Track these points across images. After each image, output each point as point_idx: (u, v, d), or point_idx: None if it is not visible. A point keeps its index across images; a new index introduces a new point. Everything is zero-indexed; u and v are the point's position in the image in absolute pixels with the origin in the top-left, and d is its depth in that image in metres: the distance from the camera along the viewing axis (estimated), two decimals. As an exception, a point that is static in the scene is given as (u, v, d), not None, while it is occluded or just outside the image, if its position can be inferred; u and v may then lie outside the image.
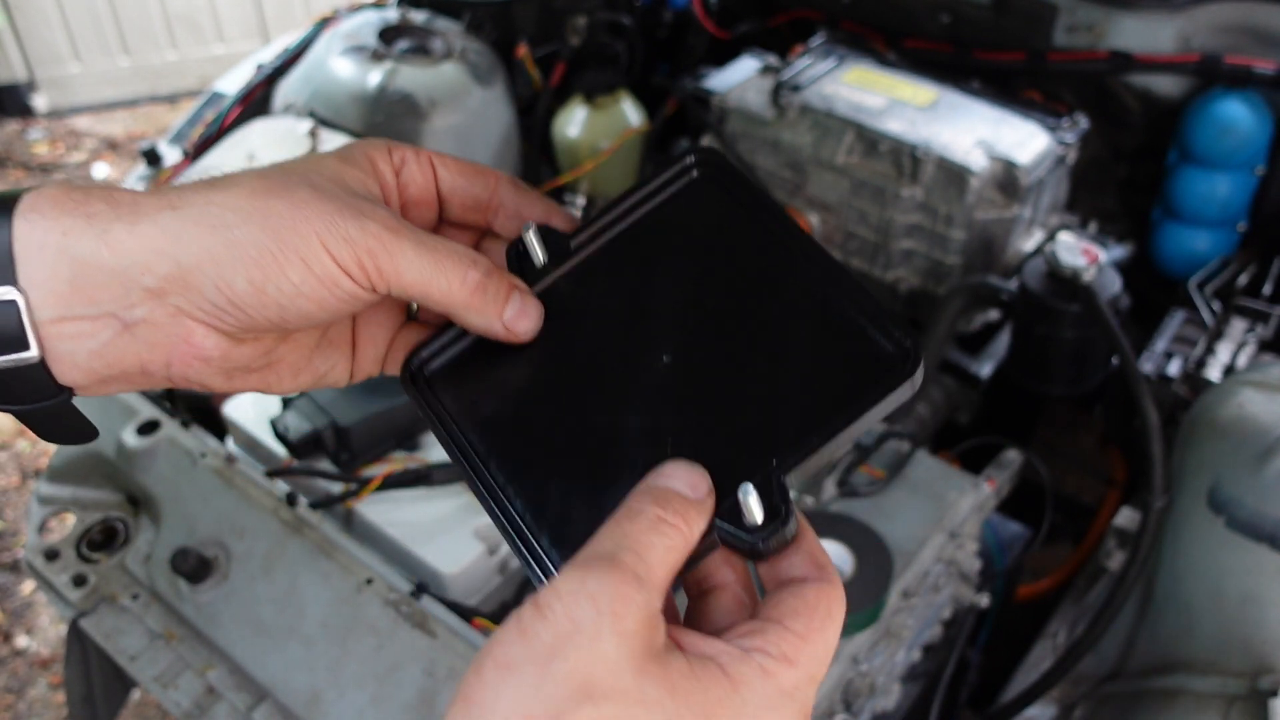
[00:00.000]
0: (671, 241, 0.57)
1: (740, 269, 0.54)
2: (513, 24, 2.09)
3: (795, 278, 0.53)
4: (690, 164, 0.58)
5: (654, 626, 0.41)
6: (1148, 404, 1.23)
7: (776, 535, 0.46)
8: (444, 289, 0.52)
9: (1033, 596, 1.58)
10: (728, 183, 0.57)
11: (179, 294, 0.49)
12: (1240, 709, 1.09)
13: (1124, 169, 1.93)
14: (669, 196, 0.58)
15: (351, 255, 0.49)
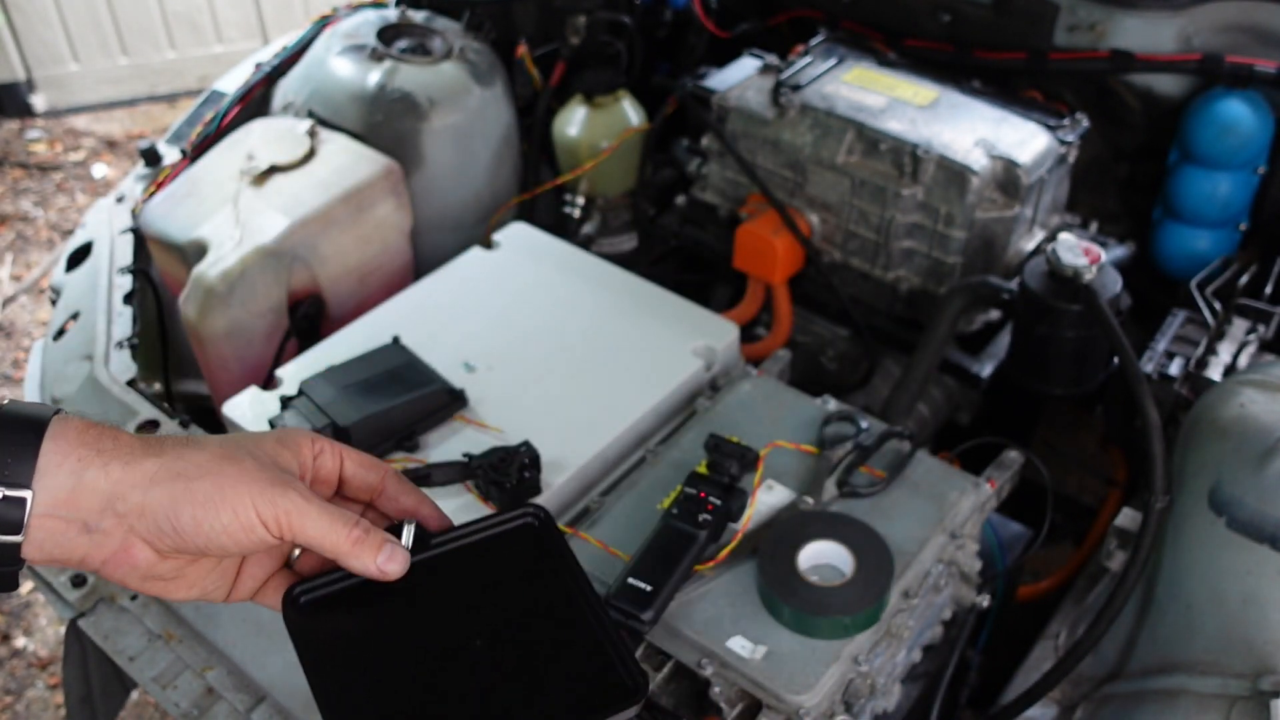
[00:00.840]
0: (502, 561, 0.78)
1: (541, 595, 0.76)
2: (513, 23, 2.09)
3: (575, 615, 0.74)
4: (529, 513, 0.81)
5: None
6: (1149, 404, 1.23)
7: None
8: (334, 540, 0.71)
9: (1033, 597, 1.58)
10: (549, 534, 0.79)
11: (136, 519, 0.68)
12: (1241, 710, 1.09)
13: (1125, 169, 1.93)
14: (506, 530, 0.80)
15: (271, 513, 0.69)
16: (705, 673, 1.03)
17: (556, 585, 0.77)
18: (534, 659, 0.73)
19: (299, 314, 1.64)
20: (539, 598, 0.76)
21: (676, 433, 1.31)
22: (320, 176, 1.68)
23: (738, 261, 1.71)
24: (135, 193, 1.89)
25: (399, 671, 0.72)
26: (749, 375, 1.38)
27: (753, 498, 1.17)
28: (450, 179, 1.86)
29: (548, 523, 0.80)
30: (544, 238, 1.67)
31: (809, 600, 1.03)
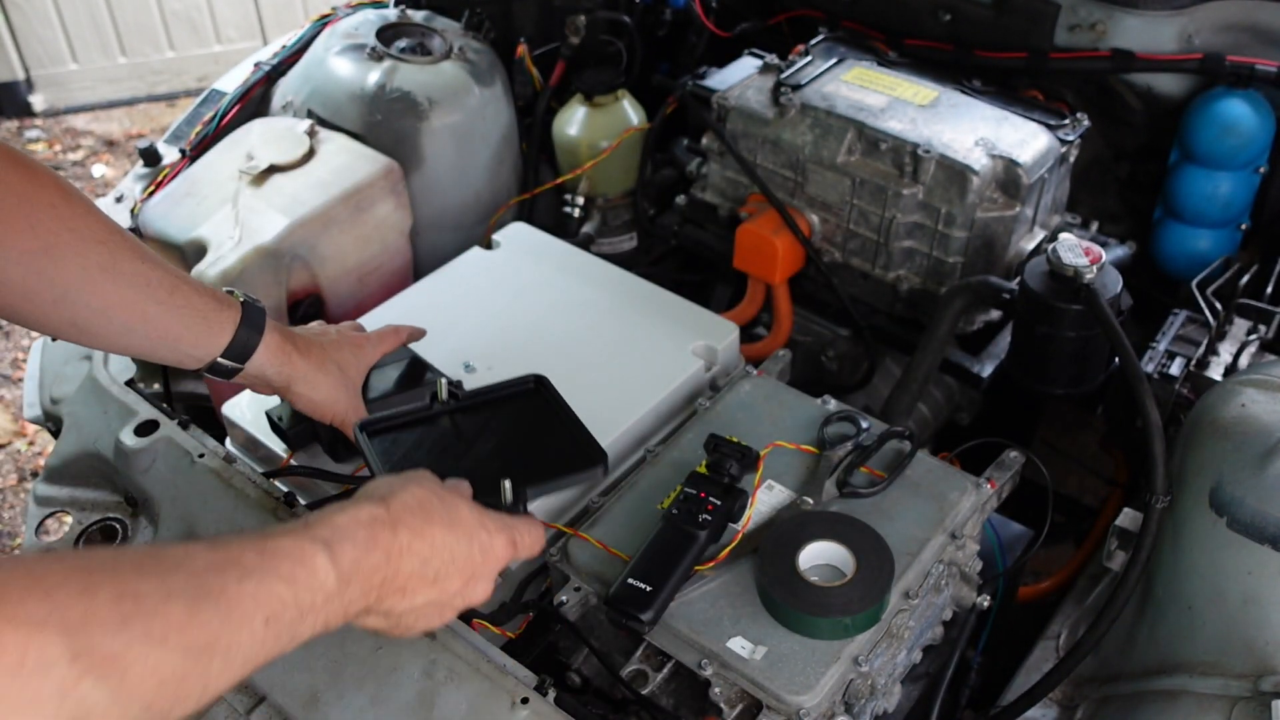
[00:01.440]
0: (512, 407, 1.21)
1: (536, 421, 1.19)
2: (512, 23, 2.09)
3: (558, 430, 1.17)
4: (530, 380, 1.22)
5: None
6: (1149, 404, 1.23)
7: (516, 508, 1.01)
8: None
9: (1034, 597, 1.58)
10: (545, 390, 1.21)
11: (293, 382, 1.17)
12: (1242, 710, 1.08)
13: (1126, 168, 1.93)
14: (514, 392, 1.22)
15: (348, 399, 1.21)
16: (705, 673, 1.03)
17: (548, 416, 1.18)
18: (530, 450, 1.16)
19: (298, 314, 1.64)
20: (536, 423, 1.18)
21: (676, 433, 1.31)
22: (319, 176, 1.68)
23: (738, 261, 1.71)
24: (134, 192, 1.89)
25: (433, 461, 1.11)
26: (749, 375, 1.37)
27: (753, 498, 1.17)
28: (450, 179, 1.86)
29: (543, 382, 1.21)
30: (544, 238, 1.67)
31: (809, 600, 1.03)
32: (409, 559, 0.82)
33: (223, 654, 0.65)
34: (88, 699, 0.55)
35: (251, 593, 0.68)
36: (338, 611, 0.77)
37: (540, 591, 1.21)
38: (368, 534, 0.79)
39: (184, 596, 0.63)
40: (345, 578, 0.76)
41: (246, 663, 0.68)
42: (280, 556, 0.72)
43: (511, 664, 1.07)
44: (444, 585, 0.86)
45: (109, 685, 0.56)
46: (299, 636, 0.73)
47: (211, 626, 0.64)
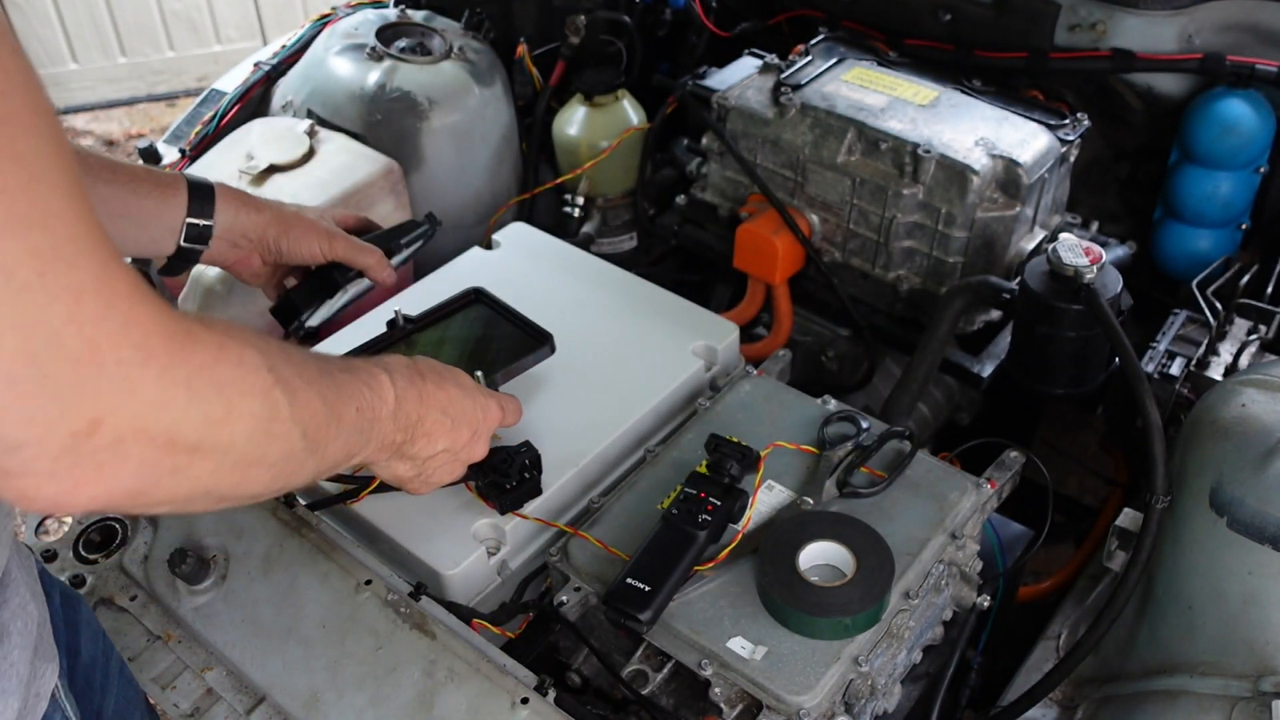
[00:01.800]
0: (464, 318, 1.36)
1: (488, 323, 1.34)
2: (512, 23, 2.09)
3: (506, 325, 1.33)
4: (471, 292, 1.37)
5: None
6: (1150, 404, 1.23)
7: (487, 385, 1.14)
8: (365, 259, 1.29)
9: (1034, 597, 1.58)
10: (488, 299, 1.36)
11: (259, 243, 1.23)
12: (1242, 711, 1.08)
13: (1126, 168, 1.93)
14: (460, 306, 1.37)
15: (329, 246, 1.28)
16: (705, 673, 1.03)
17: (494, 317, 1.34)
18: (488, 347, 1.30)
19: (298, 314, 1.63)
20: (486, 324, 1.34)
21: (676, 433, 1.31)
22: (319, 176, 1.68)
23: (738, 261, 1.71)
24: (134, 192, 1.88)
25: None
26: (749, 375, 1.37)
27: (753, 498, 1.16)
28: (450, 179, 1.86)
29: (481, 291, 1.37)
30: (544, 238, 1.67)
31: (809, 600, 1.03)
32: (432, 406, 0.95)
33: (337, 420, 0.79)
34: (278, 403, 0.70)
35: (349, 382, 0.83)
36: (390, 432, 0.90)
37: (540, 591, 1.21)
38: (407, 374, 0.93)
39: (314, 366, 0.78)
40: (399, 400, 0.90)
41: (348, 439, 0.83)
42: (358, 367, 0.87)
43: (511, 664, 1.07)
44: (457, 434, 1.00)
45: (288, 399, 0.71)
46: (370, 438, 0.87)
47: (330, 393, 0.79)
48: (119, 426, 0.58)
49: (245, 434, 0.68)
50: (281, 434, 0.72)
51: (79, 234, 0.56)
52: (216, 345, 0.65)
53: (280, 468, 0.74)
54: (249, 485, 0.73)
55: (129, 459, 0.60)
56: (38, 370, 0.54)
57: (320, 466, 0.79)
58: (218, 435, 0.65)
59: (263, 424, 0.69)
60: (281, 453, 0.73)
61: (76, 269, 0.55)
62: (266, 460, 0.72)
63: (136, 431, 0.59)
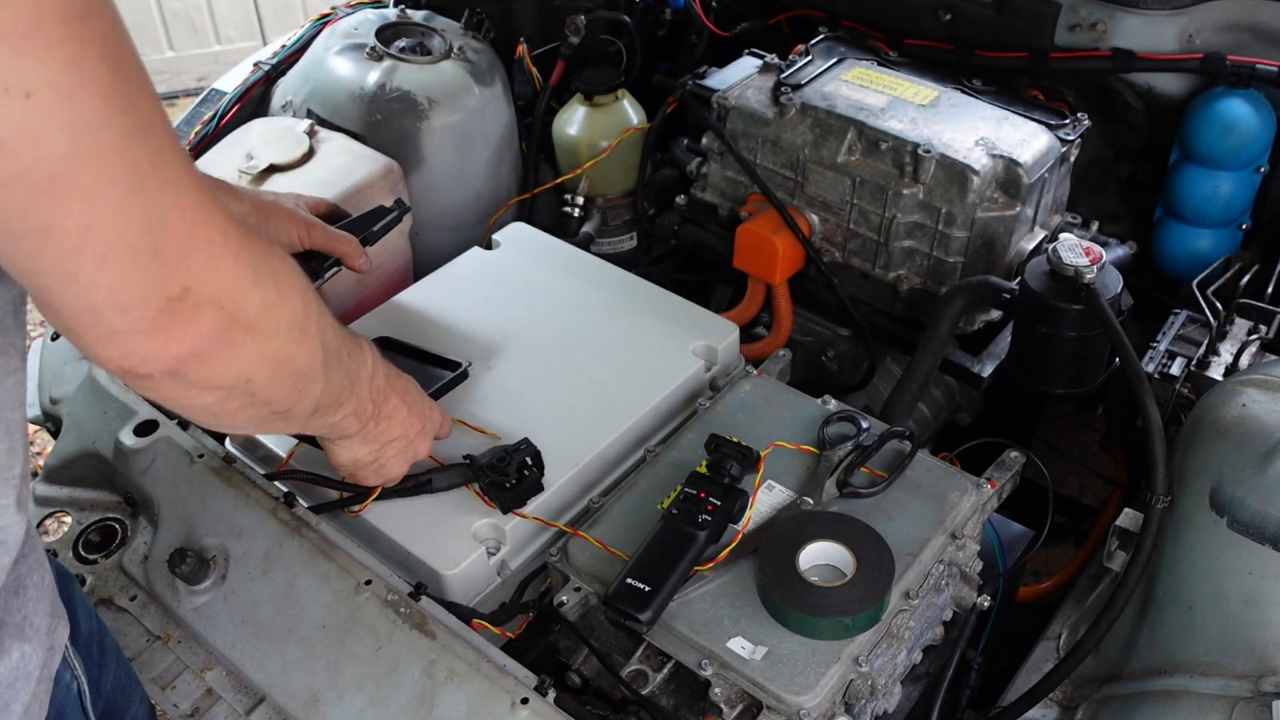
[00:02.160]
0: None
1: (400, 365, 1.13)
2: (512, 23, 2.09)
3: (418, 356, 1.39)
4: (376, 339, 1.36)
5: None
6: (1150, 404, 1.23)
7: None
8: (343, 247, 1.31)
9: (1034, 597, 1.58)
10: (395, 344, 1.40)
11: None
12: (1243, 711, 1.08)
13: (1126, 168, 1.93)
14: None
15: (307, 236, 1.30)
16: (705, 673, 1.03)
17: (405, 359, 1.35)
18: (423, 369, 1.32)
19: (298, 314, 1.64)
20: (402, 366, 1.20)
21: (676, 433, 1.31)
22: (319, 176, 1.68)
23: (738, 261, 1.70)
24: (134, 192, 1.88)
25: None
26: (749, 375, 1.37)
27: (753, 498, 1.16)
28: (450, 179, 1.86)
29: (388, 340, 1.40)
30: (544, 238, 1.67)
31: (809, 601, 1.03)
32: (394, 389, 1.04)
33: (337, 354, 0.88)
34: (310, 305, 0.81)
35: (340, 330, 0.90)
36: (364, 398, 0.98)
37: (540, 591, 1.21)
38: (375, 355, 1.00)
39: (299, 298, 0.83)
40: (374, 368, 0.98)
41: (338, 386, 0.91)
42: (344, 330, 0.92)
43: (511, 664, 1.07)
44: (410, 423, 1.07)
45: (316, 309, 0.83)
46: (352, 395, 0.95)
47: (328, 330, 0.86)
48: (201, 293, 0.69)
49: (287, 325, 0.77)
50: (310, 338, 0.81)
51: (171, 137, 0.66)
52: (267, 244, 0.76)
53: (299, 378, 0.83)
54: (276, 386, 0.81)
55: (204, 323, 0.70)
56: (152, 244, 0.65)
57: (322, 398, 0.88)
58: (268, 319, 0.75)
59: (300, 321, 0.79)
60: (306, 359, 0.82)
61: (174, 166, 0.66)
62: (293, 364, 0.81)
63: (214, 300, 0.70)
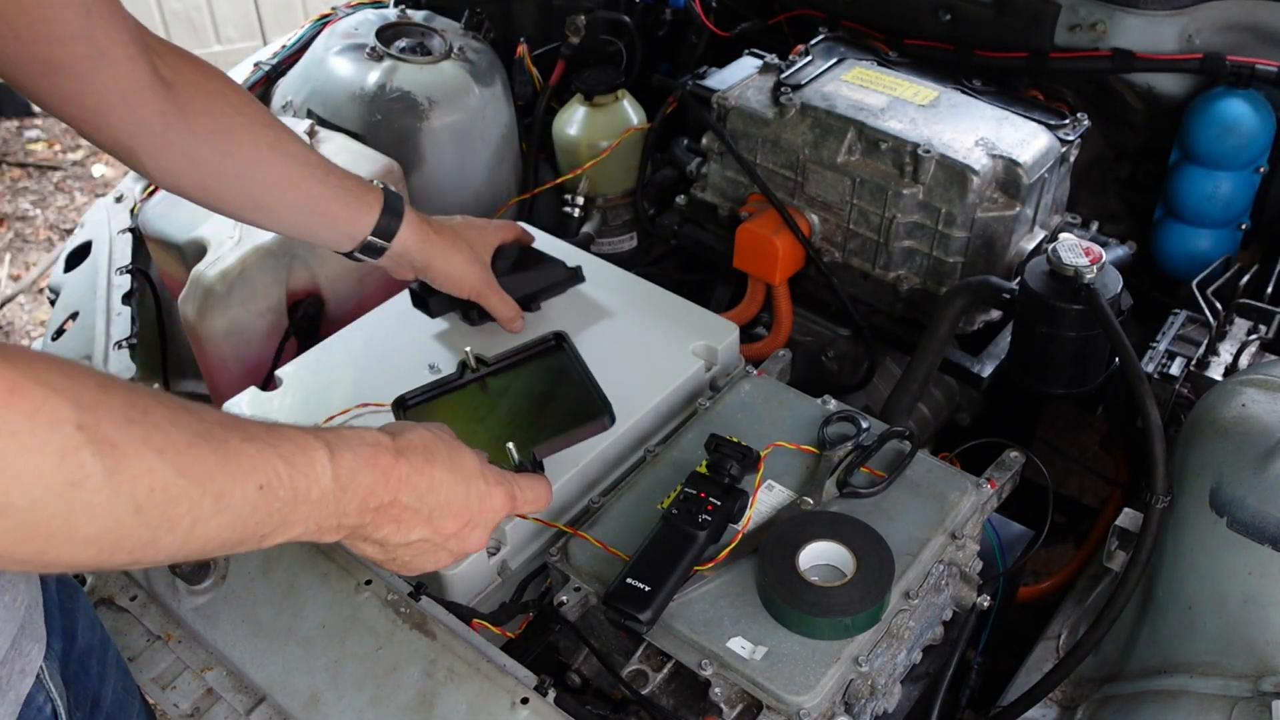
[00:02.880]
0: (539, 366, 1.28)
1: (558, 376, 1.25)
2: (512, 23, 2.09)
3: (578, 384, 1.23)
4: (550, 338, 1.29)
5: None
6: (1150, 404, 1.23)
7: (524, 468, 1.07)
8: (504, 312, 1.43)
9: (1034, 597, 1.58)
10: (566, 346, 1.28)
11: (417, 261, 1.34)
12: (1243, 711, 1.08)
13: (1126, 168, 1.93)
14: (539, 351, 1.29)
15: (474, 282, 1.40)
16: (705, 673, 1.03)
17: (564, 372, 1.25)
18: (545, 409, 1.22)
19: (298, 314, 1.64)
20: (553, 380, 1.25)
21: (676, 433, 1.31)
22: (319, 176, 1.68)
23: (738, 261, 1.71)
24: (134, 192, 1.89)
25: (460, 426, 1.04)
26: (749, 375, 1.37)
27: (753, 499, 1.16)
28: (450, 179, 1.86)
29: (562, 338, 1.29)
30: (544, 238, 1.67)
31: (809, 601, 1.03)
32: (406, 490, 0.85)
33: (214, 497, 0.68)
34: (85, 467, 0.60)
35: (252, 454, 0.71)
36: (331, 516, 0.79)
37: (540, 591, 1.21)
38: (370, 451, 0.82)
39: (186, 430, 0.67)
40: (341, 484, 0.78)
41: (236, 522, 0.71)
42: (284, 438, 0.75)
43: (511, 664, 1.07)
44: (438, 525, 0.88)
45: (105, 464, 0.61)
46: (291, 521, 0.76)
47: (209, 463, 0.67)
48: None
49: (30, 499, 0.58)
50: (96, 505, 0.61)
51: None
52: (7, 388, 0.57)
53: (106, 543, 0.63)
54: (62, 556, 0.63)
55: None
56: None
57: (192, 546, 0.69)
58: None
59: (58, 490, 0.59)
60: (100, 527, 0.62)
61: None
62: (78, 533, 0.61)
63: None
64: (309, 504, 0.76)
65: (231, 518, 0.70)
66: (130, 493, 0.62)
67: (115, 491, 0.61)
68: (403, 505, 0.85)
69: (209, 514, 0.68)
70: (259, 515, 0.72)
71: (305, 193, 1.21)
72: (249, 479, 0.71)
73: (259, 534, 0.74)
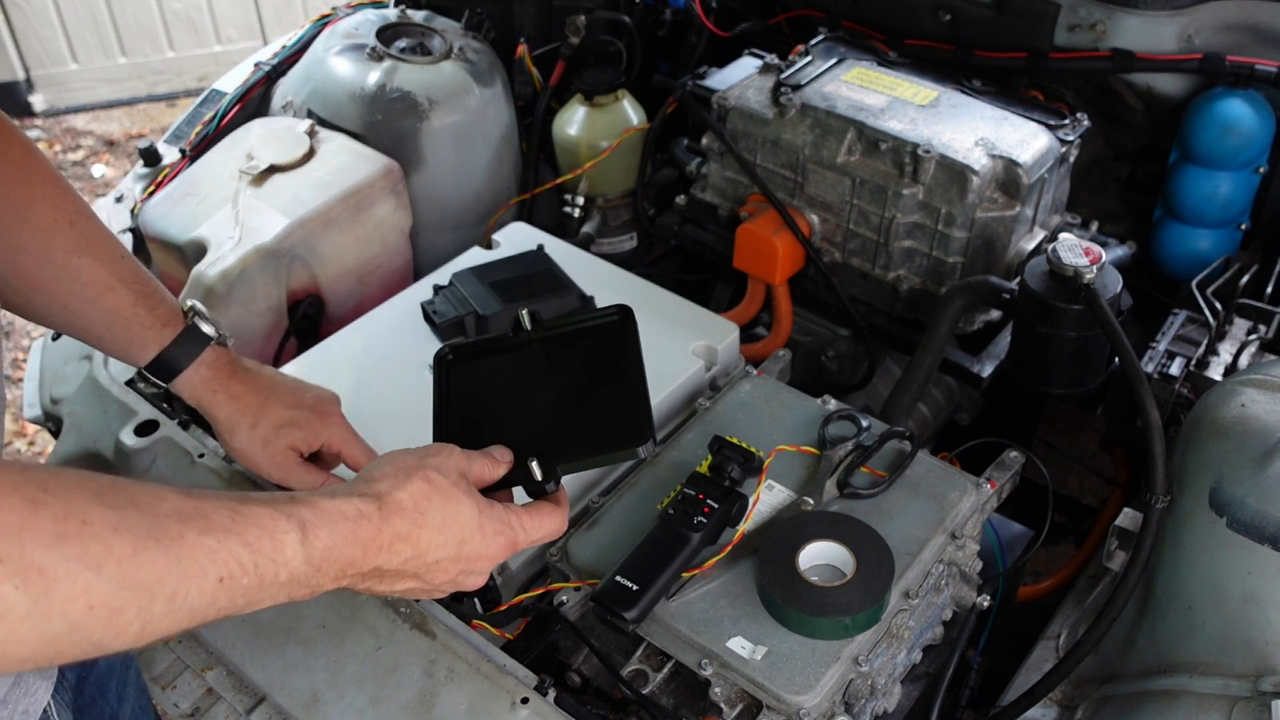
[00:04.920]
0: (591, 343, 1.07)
1: (607, 366, 1.04)
2: (512, 23, 2.09)
3: (626, 382, 1.01)
4: (614, 311, 1.07)
5: None
6: (1149, 404, 1.23)
7: (544, 488, 0.96)
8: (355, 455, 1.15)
9: (1034, 597, 1.58)
10: (627, 325, 1.06)
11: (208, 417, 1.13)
12: (1242, 710, 1.08)
13: (1126, 168, 1.93)
14: (598, 324, 1.08)
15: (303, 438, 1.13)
16: (705, 673, 1.03)
17: (617, 365, 1.03)
18: (585, 408, 1.02)
19: (298, 314, 1.64)
20: (604, 371, 1.04)
21: (677, 433, 1.31)
22: (319, 176, 1.68)
23: (738, 261, 1.71)
24: (134, 192, 1.89)
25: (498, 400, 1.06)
26: (749, 375, 1.37)
27: (752, 507, 1.16)
28: (450, 179, 1.86)
29: (627, 315, 1.07)
30: (544, 238, 1.67)
31: (809, 600, 1.03)
32: (390, 556, 0.81)
33: (166, 598, 0.65)
34: (6, 600, 0.57)
35: (210, 548, 0.67)
36: (304, 590, 0.76)
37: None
38: (351, 528, 0.78)
39: (133, 533, 0.63)
40: (315, 564, 0.75)
41: (195, 613, 0.68)
42: (250, 523, 0.71)
43: (511, 664, 1.07)
44: (427, 579, 0.86)
45: (30, 594, 0.58)
46: (257, 603, 0.73)
47: (158, 567, 0.64)
48: None
49: None
50: (24, 633, 0.59)
51: None
52: None
53: (44, 659, 0.61)
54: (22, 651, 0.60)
55: None
56: None
57: (146, 640, 0.66)
58: None
59: None
60: (32, 649, 0.60)
61: None
62: (8, 658, 0.59)
63: None
64: (277, 585, 0.73)
65: (188, 613, 0.67)
66: (63, 614, 0.60)
67: (45, 617, 0.59)
68: (384, 570, 0.82)
69: (160, 614, 0.65)
70: (219, 604, 0.69)
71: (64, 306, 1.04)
72: (206, 574, 0.67)
73: (224, 614, 0.71)
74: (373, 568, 0.80)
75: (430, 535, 0.83)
